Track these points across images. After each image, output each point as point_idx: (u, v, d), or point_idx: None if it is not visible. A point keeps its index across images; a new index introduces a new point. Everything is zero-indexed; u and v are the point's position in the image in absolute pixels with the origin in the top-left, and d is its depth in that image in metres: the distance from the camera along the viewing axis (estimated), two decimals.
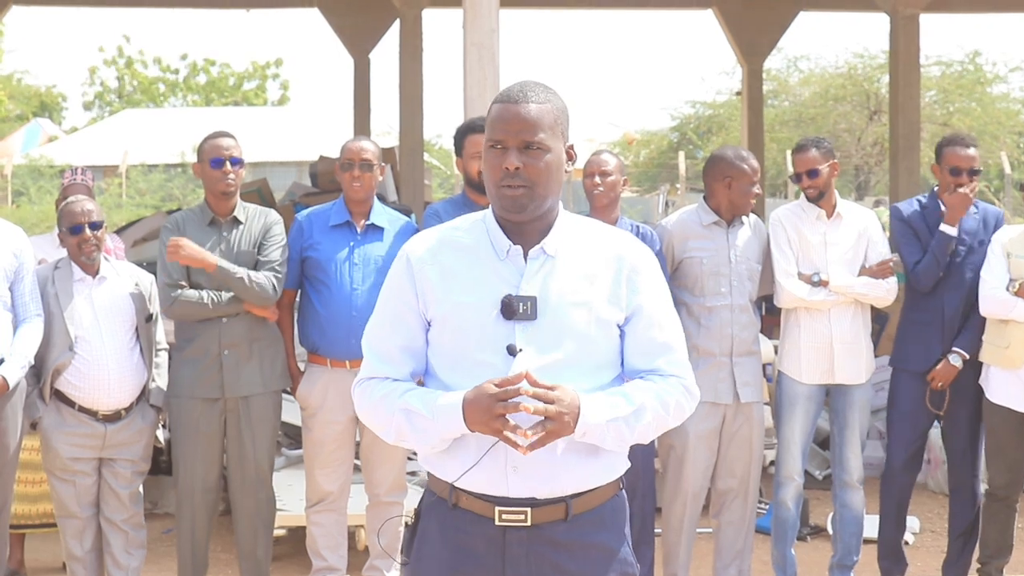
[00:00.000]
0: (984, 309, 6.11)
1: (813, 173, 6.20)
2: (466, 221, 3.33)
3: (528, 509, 3.15)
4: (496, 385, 3.03)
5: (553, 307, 3.16)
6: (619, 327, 3.24)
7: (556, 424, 3.02)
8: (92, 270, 5.79)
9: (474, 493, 3.17)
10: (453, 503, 3.20)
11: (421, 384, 3.28)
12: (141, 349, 5.82)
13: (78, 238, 5.73)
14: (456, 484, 3.17)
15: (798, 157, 6.26)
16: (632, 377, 3.26)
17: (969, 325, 6.20)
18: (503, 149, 3.17)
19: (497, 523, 3.15)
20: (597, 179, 5.99)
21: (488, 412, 3.02)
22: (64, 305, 5.70)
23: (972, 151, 6.26)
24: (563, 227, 3.26)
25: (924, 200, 6.37)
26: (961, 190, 6.19)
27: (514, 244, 3.21)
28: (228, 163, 5.90)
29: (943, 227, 6.19)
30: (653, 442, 5.96)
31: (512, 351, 3.11)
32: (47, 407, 5.74)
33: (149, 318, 5.88)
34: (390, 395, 3.20)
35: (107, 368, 5.69)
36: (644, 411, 3.17)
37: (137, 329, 5.82)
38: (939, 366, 6.20)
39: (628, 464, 3.30)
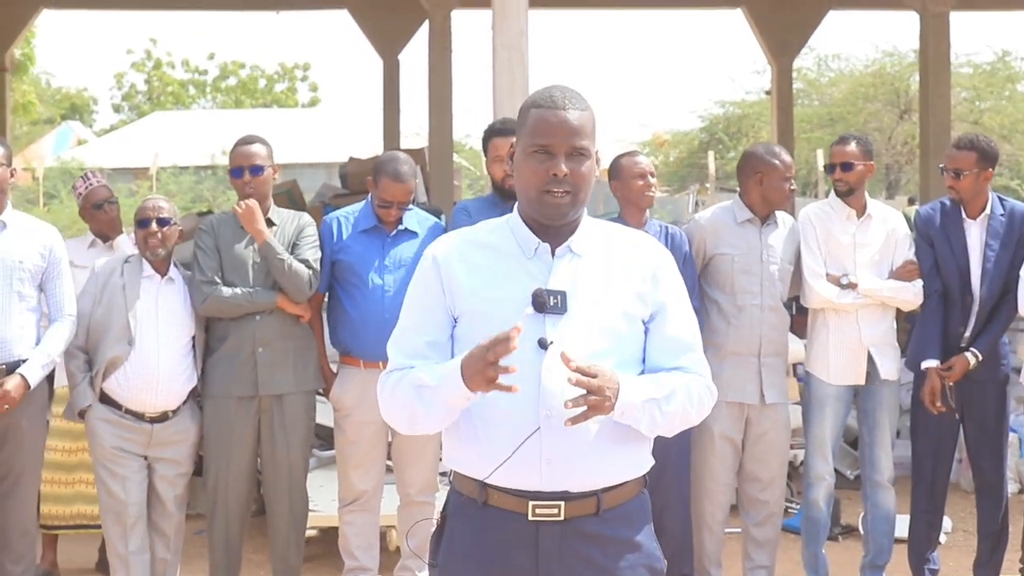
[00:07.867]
0: None
1: (846, 166, 6.18)
2: (489, 224, 3.37)
3: (561, 503, 3.16)
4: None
5: (582, 301, 3.18)
6: (644, 323, 3.27)
7: (598, 399, 3.03)
8: (162, 269, 5.81)
9: (506, 489, 3.17)
10: (483, 501, 3.21)
11: None
12: (195, 355, 5.83)
13: (144, 232, 5.77)
14: (488, 481, 3.17)
15: (836, 148, 6.25)
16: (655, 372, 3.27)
17: (990, 327, 6.13)
18: (548, 155, 3.18)
19: (530, 518, 3.16)
20: (651, 179, 5.96)
21: (481, 360, 3.01)
22: (129, 299, 5.72)
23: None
24: (587, 228, 3.29)
25: (948, 203, 6.23)
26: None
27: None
28: (247, 172, 5.94)
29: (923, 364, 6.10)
30: (688, 452, 5.97)
31: (543, 344, 3.11)
32: (95, 397, 5.69)
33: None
34: (404, 377, 3.22)
35: (157, 370, 5.68)
36: (675, 396, 3.20)
37: (194, 337, 5.83)
38: (955, 357, 6.09)
39: (653, 461, 3.31)
